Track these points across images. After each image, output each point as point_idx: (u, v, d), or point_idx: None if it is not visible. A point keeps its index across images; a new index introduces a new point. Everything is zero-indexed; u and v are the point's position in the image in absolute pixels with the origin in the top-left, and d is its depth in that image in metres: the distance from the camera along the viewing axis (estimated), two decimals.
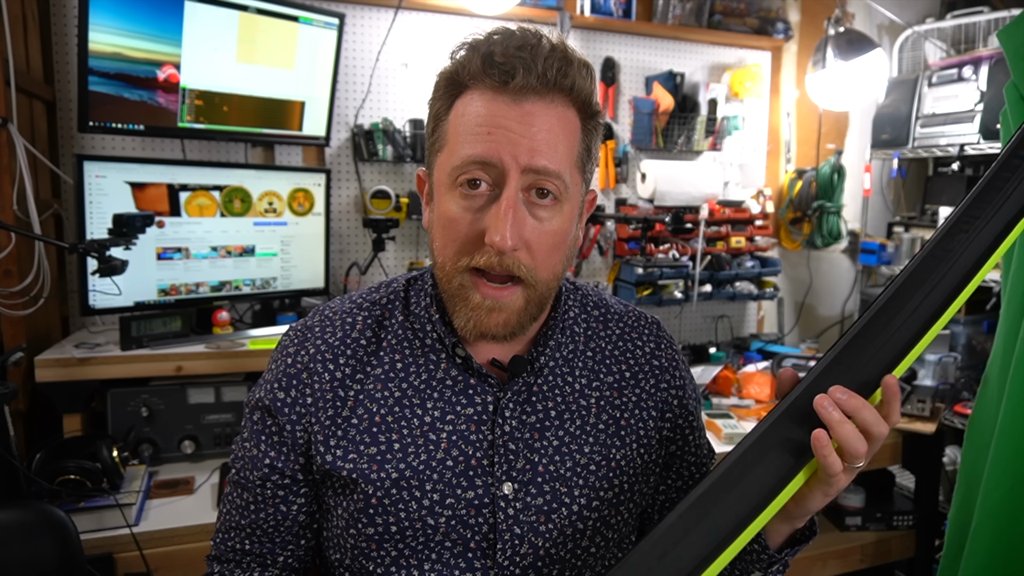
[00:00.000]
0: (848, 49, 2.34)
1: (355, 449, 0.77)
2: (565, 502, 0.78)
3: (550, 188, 0.70)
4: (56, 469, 1.44)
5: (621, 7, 2.47)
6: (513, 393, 0.79)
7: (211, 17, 1.77)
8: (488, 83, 0.69)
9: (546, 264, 0.73)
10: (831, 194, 2.71)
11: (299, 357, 0.80)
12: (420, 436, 0.77)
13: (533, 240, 0.71)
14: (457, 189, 0.71)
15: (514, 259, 0.70)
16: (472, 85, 0.71)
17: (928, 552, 2.19)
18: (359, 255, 2.28)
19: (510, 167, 0.68)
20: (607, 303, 0.91)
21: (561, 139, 0.70)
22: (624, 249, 2.52)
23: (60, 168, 1.86)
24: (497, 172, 0.69)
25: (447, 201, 0.72)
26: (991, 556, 1.38)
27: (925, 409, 2.07)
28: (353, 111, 2.22)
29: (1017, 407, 1.36)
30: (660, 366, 0.88)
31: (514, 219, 0.68)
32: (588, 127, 0.74)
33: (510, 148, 0.68)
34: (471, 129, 0.69)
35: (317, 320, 0.83)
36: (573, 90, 0.71)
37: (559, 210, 0.72)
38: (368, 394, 0.78)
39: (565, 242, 0.75)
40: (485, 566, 0.76)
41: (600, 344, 0.87)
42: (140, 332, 1.72)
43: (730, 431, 1.93)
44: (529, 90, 0.68)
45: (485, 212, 0.70)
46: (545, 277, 0.74)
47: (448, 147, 0.72)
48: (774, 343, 2.68)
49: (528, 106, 0.68)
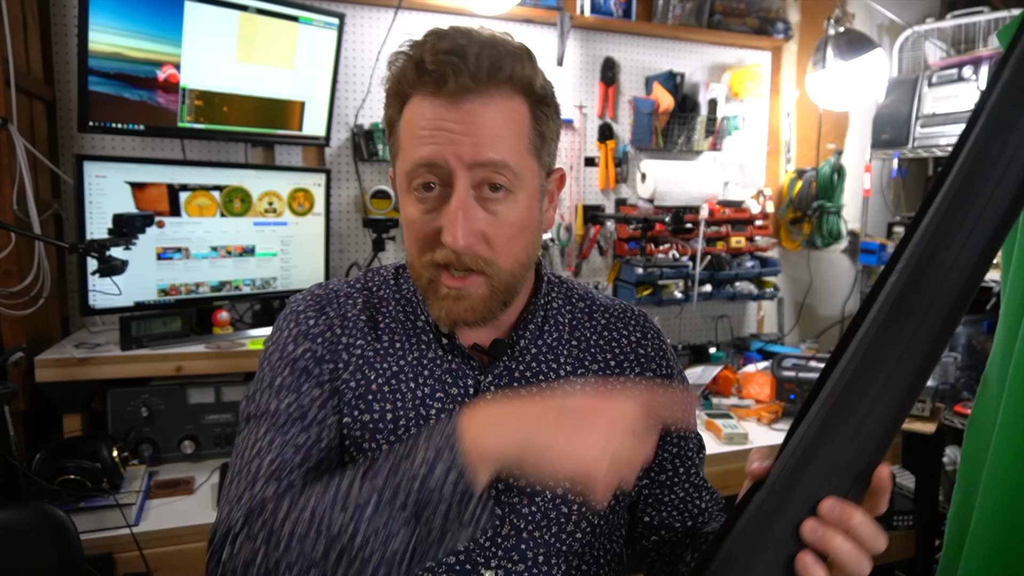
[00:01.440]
0: (848, 49, 2.34)
1: (350, 414, 0.78)
2: (548, 485, 0.80)
3: (500, 181, 0.71)
4: (56, 469, 1.44)
5: (621, 7, 2.47)
6: (494, 377, 0.81)
7: (211, 17, 1.77)
8: (425, 90, 0.70)
9: (506, 253, 0.74)
10: (831, 194, 2.71)
11: (319, 320, 0.82)
12: (412, 410, 0.79)
13: (490, 233, 0.72)
14: (413, 193, 0.73)
15: (471, 255, 0.72)
16: (412, 92, 0.72)
17: (928, 552, 2.19)
18: (359, 255, 2.28)
19: (455, 166, 0.70)
20: (593, 296, 0.93)
21: (506, 130, 0.71)
22: (624, 249, 2.52)
23: (60, 168, 1.86)
24: (444, 172, 0.70)
25: (406, 204, 0.75)
26: (991, 556, 1.38)
27: (925, 409, 2.07)
28: (353, 111, 2.22)
29: (1017, 407, 1.35)
30: (646, 355, 0.89)
31: (465, 218, 0.70)
32: (538, 112, 0.74)
33: (452, 148, 0.69)
34: (416, 134, 0.71)
35: (324, 292, 0.85)
36: (512, 79, 0.71)
37: (514, 201, 0.73)
38: (367, 361, 0.80)
39: (526, 229, 0.76)
40: (468, 548, 0.77)
41: (585, 334, 0.88)
42: (140, 332, 1.72)
43: (730, 431, 1.93)
44: (464, 90, 0.69)
45: (439, 212, 0.72)
46: (508, 265, 0.75)
47: (401, 152, 0.74)
48: (774, 343, 2.68)
49: (467, 106, 0.69)
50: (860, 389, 0.56)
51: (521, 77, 0.71)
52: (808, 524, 0.57)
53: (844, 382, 0.57)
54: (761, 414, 2.10)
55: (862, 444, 0.56)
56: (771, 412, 2.10)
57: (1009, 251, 1.45)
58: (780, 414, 2.10)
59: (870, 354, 0.57)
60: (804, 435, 0.58)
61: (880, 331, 0.57)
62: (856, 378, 0.57)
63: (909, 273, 0.56)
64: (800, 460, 0.58)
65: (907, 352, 0.56)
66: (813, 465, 0.57)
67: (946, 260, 0.55)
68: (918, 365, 0.56)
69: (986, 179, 0.55)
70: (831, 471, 0.57)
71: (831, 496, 0.57)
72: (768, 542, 0.58)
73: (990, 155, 0.55)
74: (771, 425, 2.06)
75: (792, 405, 2.10)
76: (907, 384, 0.56)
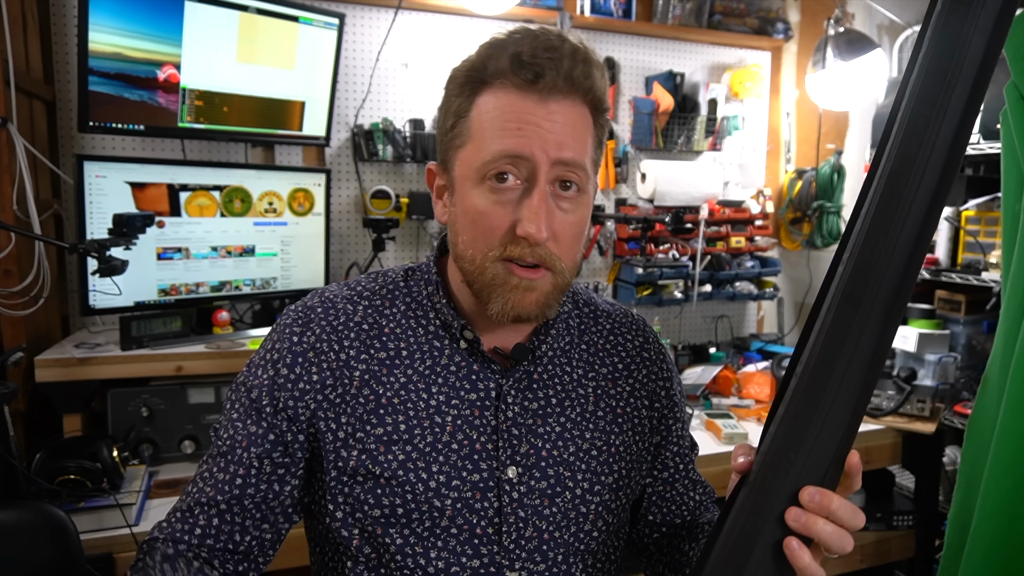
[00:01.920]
0: (848, 49, 2.34)
1: (362, 428, 0.78)
2: (568, 486, 0.81)
3: (575, 179, 0.74)
4: (56, 469, 1.44)
5: (621, 7, 2.47)
6: (515, 380, 0.82)
7: (211, 17, 1.77)
8: (515, 81, 0.71)
9: (570, 253, 0.76)
10: (831, 194, 2.71)
11: (305, 337, 0.80)
12: (427, 419, 0.78)
13: (560, 231, 0.74)
14: (486, 183, 0.73)
15: (545, 249, 0.73)
16: (497, 83, 0.73)
17: (928, 552, 2.19)
18: (359, 255, 2.28)
19: (540, 161, 0.71)
20: (595, 301, 0.95)
21: (583, 134, 0.74)
22: (624, 249, 2.52)
23: (60, 168, 1.86)
24: (528, 166, 0.71)
25: (474, 195, 0.74)
26: (991, 556, 1.38)
27: (925, 409, 2.08)
28: (353, 111, 2.22)
29: (1017, 407, 1.35)
30: (650, 358, 0.92)
31: (547, 211, 0.72)
32: (599, 123, 0.78)
33: (540, 143, 0.71)
34: (500, 125, 0.72)
35: (319, 302, 0.84)
36: (592, 90, 0.74)
37: (581, 201, 0.76)
38: (374, 375, 0.79)
39: (583, 232, 0.78)
40: (492, 551, 0.78)
41: (592, 338, 0.90)
42: (140, 332, 1.72)
43: (730, 431, 1.93)
44: (555, 89, 0.71)
45: (515, 205, 0.72)
46: (569, 265, 0.77)
47: (473, 142, 0.74)
48: (774, 343, 2.68)
49: (553, 104, 0.71)
50: (821, 383, 0.60)
51: (598, 89, 0.75)
52: (791, 512, 0.60)
53: (806, 379, 0.61)
54: (761, 414, 2.10)
55: (830, 435, 0.60)
56: None
57: (1009, 251, 1.45)
58: None
59: (826, 348, 0.61)
60: (776, 432, 0.62)
61: (832, 325, 0.61)
62: (816, 373, 0.61)
63: (853, 265, 0.60)
64: (776, 455, 0.62)
65: (859, 343, 0.60)
66: (788, 459, 0.61)
67: (887, 247, 0.59)
68: (870, 354, 0.60)
69: (915, 162, 0.60)
70: (805, 462, 0.61)
71: (809, 485, 0.60)
72: (756, 533, 0.61)
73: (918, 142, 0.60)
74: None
75: None
76: (863, 373, 0.60)
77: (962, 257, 2.26)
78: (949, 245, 2.32)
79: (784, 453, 0.61)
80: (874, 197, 0.61)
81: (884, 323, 0.60)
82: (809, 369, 0.61)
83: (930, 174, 0.60)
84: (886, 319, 0.60)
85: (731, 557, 0.62)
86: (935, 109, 0.59)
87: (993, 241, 2.17)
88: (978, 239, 2.20)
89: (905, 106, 0.61)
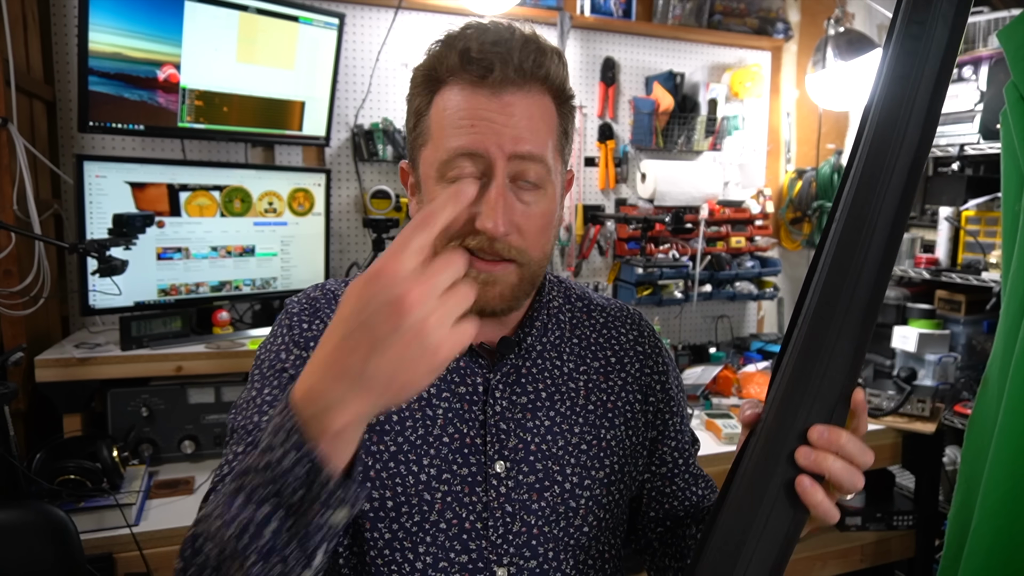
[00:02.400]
0: (848, 49, 2.34)
1: None
2: (557, 480, 0.81)
3: (534, 173, 0.73)
4: (56, 469, 1.44)
5: (621, 7, 2.47)
6: (502, 374, 0.82)
7: (211, 17, 1.77)
8: (467, 78, 0.71)
9: (536, 244, 0.76)
10: (831, 194, 2.71)
11: (314, 325, 0.81)
12: (418, 410, 0.79)
13: (523, 223, 0.74)
14: (445, 182, 0.73)
15: (505, 243, 0.72)
16: (450, 80, 0.73)
17: (928, 552, 2.19)
18: (359, 255, 2.28)
19: (496, 156, 0.70)
20: (589, 296, 0.95)
21: (541, 125, 0.73)
22: (624, 249, 2.52)
23: (60, 168, 1.86)
24: (484, 162, 0.71)
25: (436, 193, 0.74)
26: (991, 556, 1.38)
27: (925, 409, 2.07)
28: (353, 111, 2.22)
29: (1017, 407, 1.35)
30: (643, 352, 0.91)
31: (504, 206, 0.71)
32: (563, 111, 0.77)
33: (494, 138, 0.70)
34: (454, 123, 0.71)
35: (321, 294, 0.85)
36: (548, 78, 0.73)
37: (544, 193, 0.75)
38: None
39: (552, 222, 0.78)
40: (480, 547, 0.77)
41: (585, 332, 0.90)
42: (140, 332, 1.72)
43: (730, 431, 1.93)
44: (507, 82, 0.70)
45: (474, 201, 0.71)
46: (537, 256, 0.76)
47: (432, 141, 0.74)
48: (774, 343, 2.68)
49: (507, 97, 0.71)
50: (824, 322, 0.63)
51: (556, 76, 0.74)
52: (801, 451, 0.62)
53: (809, 320, 0.64)
54: None
55: (836, 372, 0.62)
56: None
57: (1009, 251, 1.45)
58: None
59: (827, 287, 0.64)
60: (783, 377, 0.64)
61: (831, 270, 0.64)
62: (819, 313, 0.63)
63: (848, 212, 0.64)
64: (784, 397, 0.64)
65: (858, 283, 0.63)
66: (795, 401, 0.63)
67: (880, 194, 0.63)
68: (871, 287, 0.63)
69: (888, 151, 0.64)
70: (813, 401, 0.62)
71: (817, 424, 0.62)
72: (768, 475, 0.63)
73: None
74: None
75: None
76: (864, 307, 0.63)
77: (962, 257, 2.27)
78: (949, 245, 2.32)
79: (791, 395, 0.63)
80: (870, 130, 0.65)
81: (884, 254, 0.63)
82: (812, 310, 0.64)
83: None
84: (886, 248, 0.63)
85: (744, 500, 0.63)
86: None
87: (993, 241, 2.17)
88: (978, 239, 2.20)
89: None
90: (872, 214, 0.63)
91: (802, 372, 0.63)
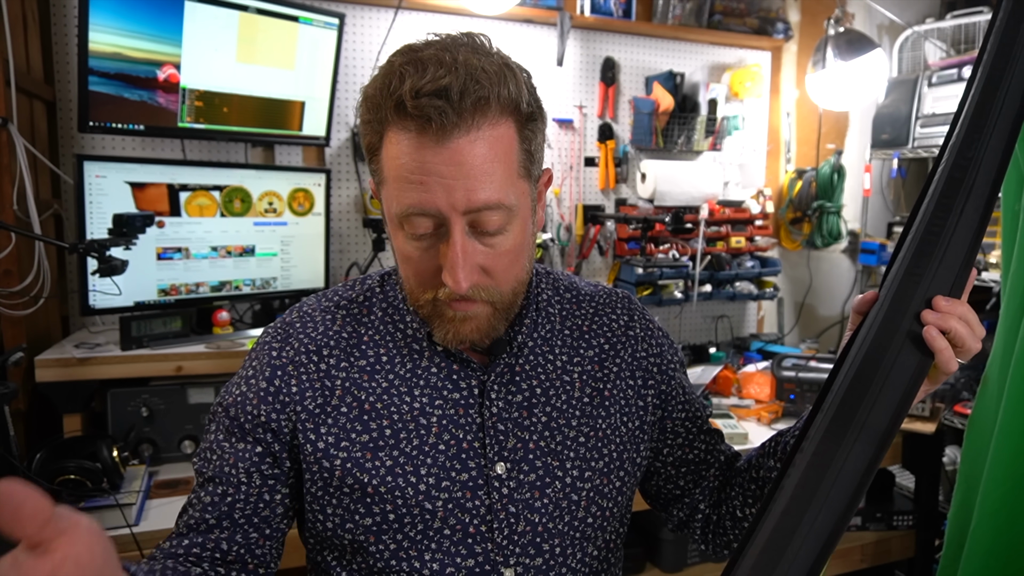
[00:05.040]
0: (848, 49, 2.34)
1: (347, 437, 0.77)
2: (558, 475, 0.80)
3: (494, 222, 0.69)
4: (56, 469, 1.44)
5: (621, 7, 2.47)
6: (496, 375, 0.81)
7: (211, 17, 1.77)
8: (410, 125, 0.66)
9: (507, 279, 0.74)
10: (831, 194, 2.71)
11: (284, 352, 0.80)
12: (411, 422, 0.78)
13: (489, 265, 0.72)
14: (405, 229, 0.71)
15: (473, 290, 0.71)
16: (393, 126, 0.68)
17: (928, 552, 2.19)
18: (359, 255, 2.28)
19: (449, 213, 0.67)
20: (577, 285, 0.94)
21: (495, 164, 0.68)
22: (624, 249, 2.52)
23: (60, 168, 1.86)
24: (439, 217, 0.68)
25: (399, 238, 0.73)
26: (991, 556, 1.38)
27: (925, 409, 2.07)
28: (353, 111, 2.22)
29: (1017, 407, 1.35)
30: (636, 336, 0.91)
31: (465, 260, 0.68)
32: (525, 131, 0.71)
33: (445, 195, 0.66)
34: (404, 177, 0.68)
35: (296, 316, 0.84)
36: (499, 104, 0.67)
37: (509, 232, 0.72)
38: (355, 382, 0.79)
39: (523, 251, 0.75)
40: (486, 549, 0.77)
41: (576, 322, 0.89)
42: (140, 332, 1.72)
43: (730, 431, 1.93)
44: (450, 127, 0.65)
45: (436, 250, 0.71)
46: (509, 288, 0.75)
47: (387, 186, 0.71)
48: (774, 343, 2.68)
49: (453, 144, 0.65)
50: (948, 201, 0.70)
51: (507, 100, 0.68)
52: (927, 312, 0.67)
53: (928, 215, 0.70)
54: (761, 414, 2.10)
55: (959, 244, 0.69)
56: (771, 412, 2.10)
57: (1009, 251, 1.45)
58: (780, 414, 2.10)
59: (952, 175, 0.70)
60: (906, 252, 0.70)
61: (954, 163, 0.71)
62: (949, 185, 0.70)
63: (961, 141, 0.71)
64: (907, 273, 0.69)
65: (981, 165, 0.70)
66: (917, 276, 0.69)
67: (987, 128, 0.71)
68: (996, 168, 0.70)
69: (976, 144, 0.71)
70: (934, 275, 0.69)
71: (939, 295, 0.68)
72: (895, 326, 0.68)
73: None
74: (771, 425, 2.06)
75: (792, 405, 2.10)
76: (988, 188, 0.70)
77: None
78: None
79: (912, 270, 0.69)
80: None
81: (1006, 142, 0.70)
82: (941, 185, 0.71)
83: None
84: (1006, 143, 0.70)
85: (873, 346, 0.68)
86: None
87: (993, 241, 2.17)
88: None
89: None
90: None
91: (928, 242, 0.69)
